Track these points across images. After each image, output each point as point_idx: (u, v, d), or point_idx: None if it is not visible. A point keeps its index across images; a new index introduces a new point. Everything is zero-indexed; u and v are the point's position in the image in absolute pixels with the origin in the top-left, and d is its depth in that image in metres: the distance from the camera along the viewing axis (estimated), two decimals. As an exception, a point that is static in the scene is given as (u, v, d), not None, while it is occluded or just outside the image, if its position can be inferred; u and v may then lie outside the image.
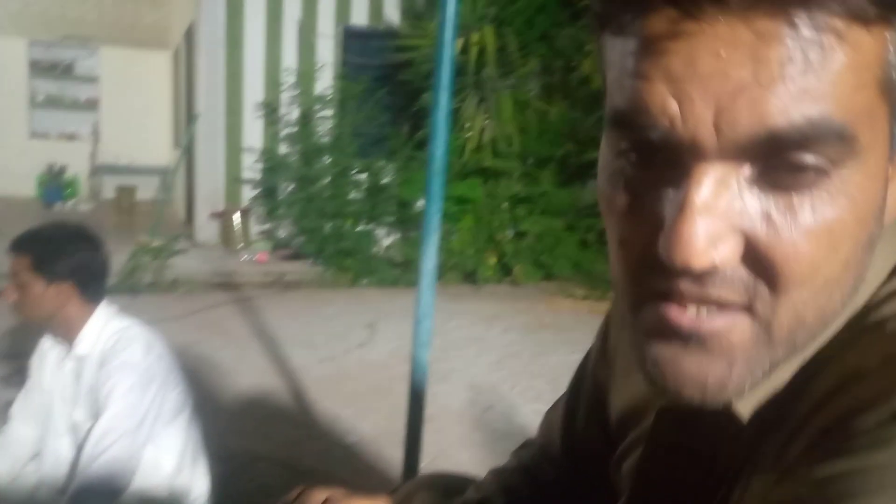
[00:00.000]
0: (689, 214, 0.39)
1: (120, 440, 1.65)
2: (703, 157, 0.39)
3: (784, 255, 0.40)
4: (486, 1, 6.42)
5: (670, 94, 0.39)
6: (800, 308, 0.42)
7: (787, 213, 0.40)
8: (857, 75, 0.38)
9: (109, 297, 1.85)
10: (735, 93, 0.38)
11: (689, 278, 0.41)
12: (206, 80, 6.97)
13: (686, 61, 0.38)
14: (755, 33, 0.37)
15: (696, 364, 0.43)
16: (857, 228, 0.41)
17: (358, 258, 6.37)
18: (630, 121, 0.41)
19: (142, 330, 1.83)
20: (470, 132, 6.57)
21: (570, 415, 0.82)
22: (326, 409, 3.40)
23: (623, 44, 0.42)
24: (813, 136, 0.38)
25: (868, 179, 0.41)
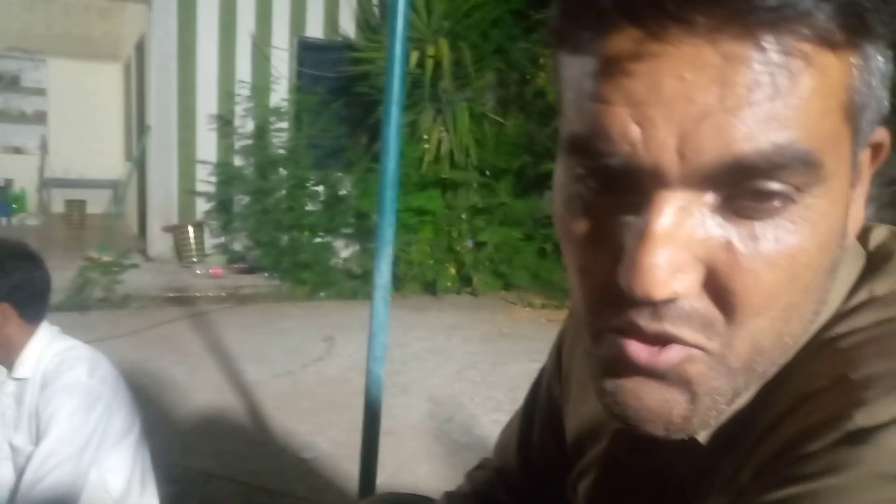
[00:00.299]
0: (651, 244, 0.38)
1: (63, 464, 1.60)
2: (666, 184, 0.38)
3: (744, 286, 0.39)
4: (441, 15, 6.46)
5: (632, 119, 0.38)
6: (757, 336, 0.41)
7: (749, 241, 0.39)
8: (824, 100, 0.38)
9: (58, 315, 1.79)
10: (700, 118, 0.36)
11: (647, 313, 0.40)
12: (157, 93, 6.86)
13: (649, 84, 0.37)
14: (722, 56, 0.36)
15: (659, 398, 0.42)
16: (819, 255, 0.40)
17: (315, 270, 6.31)
18: (589, 147, 0.40)
19: (86, 350, 1.77)
20: (427, 144, 6.58)
21: (526, 435, 0.80)
22: (283, 425, 3.34)
23: (581, 63, 0.40)
24: (780, 162, 0.37)
25: (832, 206, 0.40)
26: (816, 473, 0.38)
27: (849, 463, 0.37)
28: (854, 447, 0.38)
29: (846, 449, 0.38)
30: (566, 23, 0.41)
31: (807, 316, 0.43)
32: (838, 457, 0.38)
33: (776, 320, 0.41)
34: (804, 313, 0.43)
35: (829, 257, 0.41)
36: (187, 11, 6.78)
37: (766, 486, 0.41)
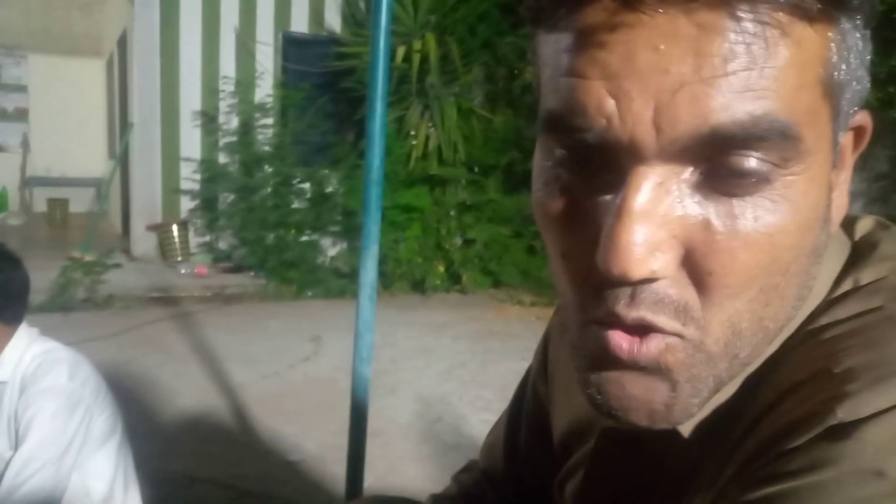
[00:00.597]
0: (627, 221, 0.37)
1: (43, 469, 1.59)
2: (642, 159, 0.37)
3: (721, 266, 0.38)
4: (428, 9, 6.42)
5: (607, 92, 0.37)
6: (734, 319, 0.40)
7: (727, 220, 0.38)
8: (801, 73, 0.37)
9: (40, 316, 1.75)
10: (675, 89, 0.36)
11: (625, 300, 0.40)
12: (140, 89, 6.79)
13: (623, 56, 0.36)
14: (697, 26, 0.35)
15: (641, 388, 0.42)
16: (799, 236, 0.40)
17: (302, 269, 6.26)
18: (564, 123, 0.39)
19: (66, 352, 1.74)
20: (415, 140, 6.55)
21: (512, 436, 0.79)
22: (269, 427, 3.31)
23: (557, 40, 0.40)
24: (757, 134, 0.36)
25: (812, 185, 0.39)
26: (798, 471, 0.38)
27: (831, 459, 0.37)
28: (836, 443, 0.37)
29: (828, 445, 0.37)
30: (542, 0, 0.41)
31: (789, 301, 0.42)
32: (820, 453, 0.37)
33: (754, 302, 0.40)
34: (786, 297, 0.42)
35: (810, 240, 0.41)
36: (170, 6, 6.71)
37: (748, 483, 0.40)
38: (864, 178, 5.15)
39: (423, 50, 6.32)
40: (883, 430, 0.36)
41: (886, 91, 3.93)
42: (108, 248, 6.11)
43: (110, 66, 9.80)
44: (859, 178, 5.19)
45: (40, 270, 4.92)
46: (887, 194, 5.12)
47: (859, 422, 0.37)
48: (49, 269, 5.38)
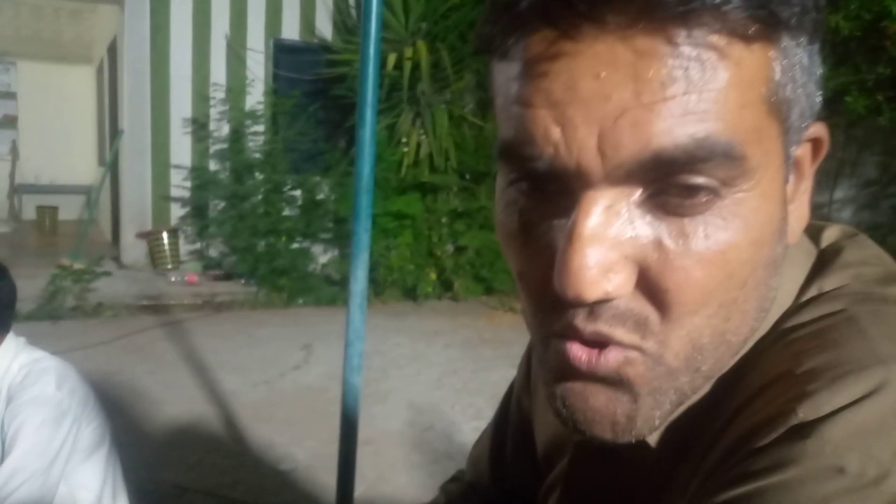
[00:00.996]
0: (578, 245, 0.38)
1: (30, 480, 1.57)
2: (590, 184, 0.38)
3: (676, 283, 0.39)
4: (419, 16, 6.43)
5: (553, 120, 0.38)
6: (694, 335, 0.41)
7: (679, 239, 0.39)
8: (742, 93, 0.38)
9: (28, 325, 1.75)
10: (617, 115, 0.37)
11: (583, 314, 0.41)
12: (130, 96, 6.76)
13: (567, 84, 0.38)
14: (635, 52, 0.36)
15: (604, 400, 0.43)
16: (753, 251, 0.40)
17: (293, 277, 6.24)
18: (516, 151, 0.41)
19: (53, 362, 1.73)
20: (406, 147, 6.55)
21: (497, 449, 0.79)
22: (259, 435, 3.29)
23: (507, 69, 0.41)
24: (700, 156, 0.37)
25: (763, 201, 0.40)
26: (763, 470, 0.38)
27: (793, 458, 0.37)
28: (798, 442, 0.38)
29: (790, 444, 0.38)
30: (491, 29, 0.42)
31: (750, 313, 0.43)
32: (783, 452, 0.38)
33: (713, 318, 0.41)
34: (746, 310, 0.42)
35: (766, 253, 0.42)
36: (160, 13, 6.69)
37: (716, 486, 0.41)
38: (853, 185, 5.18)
39: (414, 57, 6.33)
40: (841, 426, 0.37)
41: (874, 99, 3.96)
42: (97, 256, 6.08)
43: (100, 73, 9.76)
44: (849, 185, 5.23)
45: (29, 278, 4.89)
46: (877, 200, 5.15)
47: (819, 420, 0.38)
48: (38, 277, 5.35)
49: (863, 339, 0.42)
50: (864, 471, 0.36)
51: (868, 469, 0.36)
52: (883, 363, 0.39)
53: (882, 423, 0.37)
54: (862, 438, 0.37)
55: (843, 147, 5.12)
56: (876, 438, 0.37)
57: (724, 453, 0.42)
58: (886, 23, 3.70)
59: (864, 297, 0.45)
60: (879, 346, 0.41)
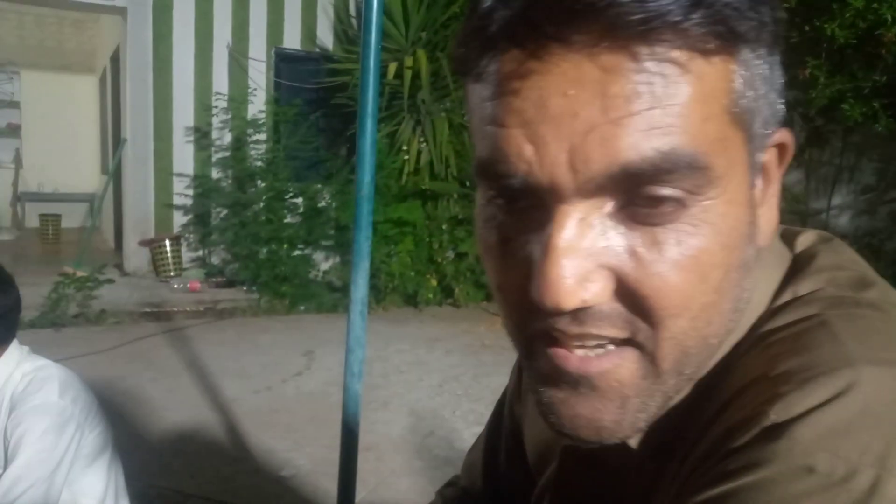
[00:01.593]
0: (554, 256, 0.40)
1: (34, 487, 1.57)
2: (563, 198, 0.40)
3: (654, 289, 0.41)
4: (418, 25, 6.46)
5: (525, 139, 0.40)
6: (680, 338, 0.43)
7: (653, 247, 0.40)
8: (704, 106, 0.39)
9: (32, 332, 1.76)
10: (586, 131, 0.38)
11: (566, 318, 0.42)
12: (133, 105, 6.79)
13: (537, 104, 0.39)
14: (600, 69, 0.38)
15: (590, 406, 0.44)
16: (724, 255, 0.42)
17: (295, 284, 6.25)
18: (492, 170, 0.42)
19: (57, 369, 1.74)
20: (407, 155, 6.57)
21: (491, 456, 0.80)
22: (261, 442, 3.30)
23: (481, 89, 0.43)
24: (666, 168, 0.38)
25: (730, 206, 0.42)
26: (737, 471, 0.39)
27: (766, 459, 0.38)
28: (770, 443, 0.39)
29: (762, 445, 0.39)
30: (465, 52, 0.43)
31: (727, 315, 0.45)
32: (756, 453, 0.39)
33: (697, 321, 0.42)
34: (723, 312, 0.44)
35: (737, 256, 0.43)
36: (163, 23, 6.73)
37: (694, 487, 0.42)
38: (851, 191, 5.19)
39: (414, 66, 6.35)
40: (811, 427, 0.38)
41: (871, 106, 3.97)
42: (100, 264, 6.09)
43: (103, 82, 9.79)
44: (846, 191, 5.24)
45: (32, 286, 4.91)
46: (874, 206, 5.16)
47: (790, 421, 0.39)
48: (41, 284, 5.35)
49: (834, 343, 0.43)
50: (833, 470, 0.37)
51: (837, 468, 0.37)
52: (852, 365, 0.40)
53: (850, 423, 0.38)
54: (831, 438, 0.38)
55: (841, 154, 5.13)
56: (844, 438, 0.38)
57: (703, 455, 0.43)
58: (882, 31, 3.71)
59: (837, 301, 0.46)
60: (850, 348, 0.42)
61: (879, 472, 0.36)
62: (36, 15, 10.21)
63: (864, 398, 0.39)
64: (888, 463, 0.37)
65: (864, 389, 0.39)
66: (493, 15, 0.41)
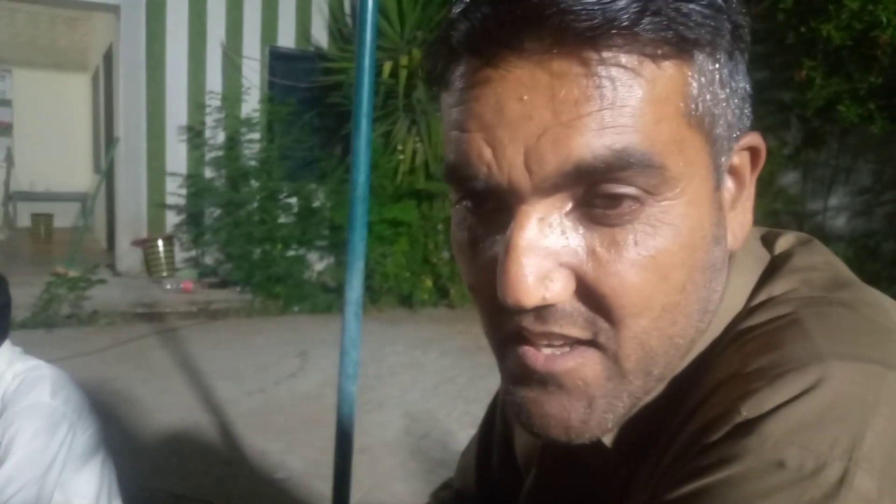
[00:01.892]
0: (515, 255, 0.41)
1: (25, 488, 1.57)
2: (522, 199, 0.42)
3: (612, 288, 0.42)
4: (414, 24, 6.45)
5: (485, 142, 0.42)
6: (642, 337, 0.43)
7: (611, 247, 0.42)
8: (657, 108, 0.40)
9: (23, 333, 1.74)
10: (539, 133, 0.40)
11: (530, 316, 0.43)
12: (126, 103, 6.76)
13: (495, 109, 0.41)
14: (551, 75, 0.40)
15: (558, 405, 0.45)
16: (685, 255, 0.43)
17: (288, 284, 6.23)
18: (457, 173, 0.44)
19: (49, 370, 1.73)
20: (402, 155, 6.56)
21: (483, 459, 0.80)
22: (254, 444, 3.28)
23: (447, 97, 0.45)
24: (618, 165, 0.40)
25: (690, 208, 0.43)
26: (709, 467, 0.40)
27: (737, 455, 0.39)
28: (741, 439, 0.40)
29: (734, 441, 0.40)
30: (433, 62, 0.46)
31: (693, 315, 0.45)
32: (728, 450, 0.40)
33: (659, 321, 0.43)
34: (689, 313, 0.45)
35: (700, 257, 0.44)
36: (156, 21, 6.70)
37: (668, 485, 0.42)
38: (848, 193, 5.20)
39: (409, 65, 6.34)
40: (781, 422, 0.39)
41: (867, 107, 3.98)
42: (92, 264, 6.06)
43: (96, 80, 9.76)
44: (843, 193, 5.25)
45: (24, 286, 4.88)
46: (870, 208, 5.17)
47: (761, 417, 0.40)
48: (33, 284, 5.33)
49: (804, 340, 0.43)
50: (803, 464, 0.37)
51: (806, 462, 0.37)
52: (821, 361, 0.41)
53: (820, 417, 0.39)
54: (800, 433, 0.38)
55: (837, 155, 5.14)
56: (814, 432, 0.38)
57: (678, 452, 0.44)
58: (878, 32, 3.72)
59: (810, 301, 0.47)
60: (819, 345, 0.42)
61: (848, 465, 0.37)
62: (28, 12, 10.16)
63: (832, 393, 0.40)
64: (856, 455, 0.37)
65: (832, 384, 0.40)
66: (456, 26, 0.43)
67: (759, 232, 0.56)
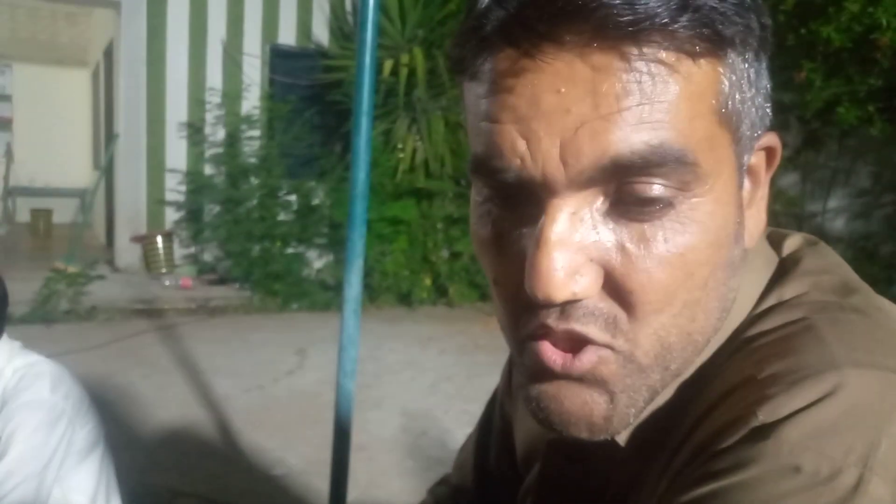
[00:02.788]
0: (546, 249, 0.40)
1: (24, 483, 1.57)
2: (555, 192, 0.41)
3: (640, 284, 0.42)
4: (415, 23, 6.45)
5: (518, 134, 0.41)
6: (661, 333, 0.44)
7: (641, 242, 0.42)
8: (692, 104, 0.41)
9: (22, 328, 1.74)
10: (577, 126, 0.39)
11: (555, 314, 0.43)
12: (126, 100, 6.76)
13: (530, 100, 0.40)
14: (592, 68, 0.39)
15: (580, 401, 0.45)
16: (711, 253, 0.43)
17: (287, 281, 6.23)
18: (487, 165, 0.43)
19: (48, 365, 1.72)
20: (402, 153, 6.56)
21: (482, 455, 0.81)
22: (252, 440, 3.28)
23: (476, 88, 0.44)
24: (654, 160, 0.40)
25: (717, 205, 0.43)
26: (725, 471, 0.40)
27: (753, 459, 0.39)
28: (757, 443, 0.40)
29: (750, 445, 0.40)
30: (461, 51, 0.45)
31: (713, 313, 0.46)
32: (744, 453, 0.40)
33: (679, 317, 0.43)
34: (709, 310, 0.45)
35: (724, 255, 0.44)
36: (157, 17, 6.70)
37: (681, 486, 0.43)
38: (847, 194, 5.20)
39: (410, 64, 6.34)
40: (798, 428, 0.39)
41: (866, 110, 3.99)
42: (91, 260, 6.07)
43: (96, 76, 9.75)
44: (842, 194, 5.25)
45: (23, 281, 4.88)
46: (870, 210, 5.18)
47: (777, 422, 0.40)
48: (32, 280, 5.33)
49: (820, 346, 0.44)
50: (819, 469, 0.38)
51: (822, 468, 0.38)
52: (837, 368, 0.41)
53: (835, 423, 0.39)
54: (816, 439, 0.39)
55: (837, 157, 5.15)
56: (830, 438, 0.39)
57: (690, 455, 0.44)
58: (877, 35, 3.73)
59: (822, 306, 0.47)
60: (835, 352, 0.43)
61: (863, 472, 0.37)
62: (29, 8, 10.14)
63: (848, 400, 0.40)
64: (871, 462, 0.38)
65: (848, 391, 0.40)
66: (489, 15, 0.42)
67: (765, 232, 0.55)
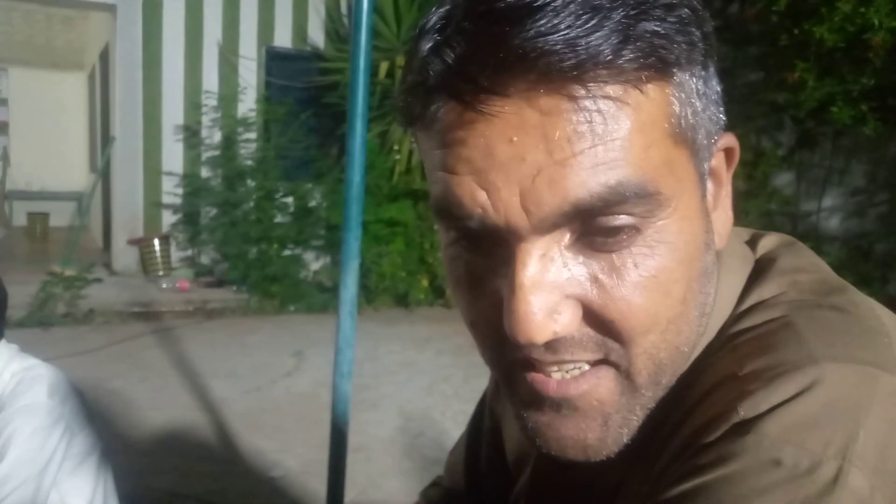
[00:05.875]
0: (521, 293, 0.41)
1: (21, 487, 1.56)
2: (521, 237, 0.41)
3: (619, 312, 0.42)
4: (410, 25, 6.46)
5: (477, 185, 0.41)
6: (652, 352, 0.44)
7: (612, 272, 0.42)
8: (645, 134, 0.40)
9: (19, 332, 1.75)
10: (534, 174, 0.39)
11: (540, 349, 0.43)
12: (122, 103, 6.75)
13: (484, 152, 0.40)
14: (541, 113, 0.39)
15: (574, 428, 0.46)
16: (683, 269, 0.44)
17: (285, 284, 6.23)
18: (448, 212, 0.43)
19: (46, 369, 1.73)
20: (398, 155, 6.56)
21: (472, 457, 0.81)
22: (250, 442, 3.29)
23: (428, 138, 0.44)
24: (614, 200, 0.40)
25: (684, 222, 0.43)
26: (707, 466, 0.41)
27: (734, 453, 0.40)
28: (739, 438, 0.40)
29: (732, 440, 0.41)
30: (408, 103, 0.45)
31: (695, 321, 0.47)
32: (726, 448, 0.41)
33: (667, 333, 0.44)
34: (691, 320, 0.46)
35: (697, 267, 0.45)
36: (153, 20, 6.70)
37: (666, 484, 0.43)
38: (841, 194, 5.22)
39: (406, 65, 6.35)
40: (778, 422, 0.40)
41: (859, 109, 4.00)
42: (88, 263, 6.06)
43: (92, 79, 9.74)
44: (837, 194, 5.27)
45: (20, 285, 4.87)
46: (864, 209, 5.19)
47: (758, 417, 0.41)
48: (29, 283, 5.32)
49: (799, 342, 0.44)
50: (799, 462, 0.39)
51: (802, 460, 0.39)
52: (816, 363, 0.42)
53: (815, 417, 0.40)
54: (796, 432, 0.40)
55: (831, 156, 5.16)
56: (809, 431, 0.39)
57: (675, 452, 0.45)
58: (870, 35, 3.74)
59: (800, 303, 0.48)
60: (814, 347, 0.44)
61: (842, 464, 0.38)
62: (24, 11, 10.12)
63: (827, 394, 0.41)
64: (850, 454, 0.39)
65: (827, 385, 0.41)
66: (429, 68, 0.41)
67: (740, 232, 0.56)
